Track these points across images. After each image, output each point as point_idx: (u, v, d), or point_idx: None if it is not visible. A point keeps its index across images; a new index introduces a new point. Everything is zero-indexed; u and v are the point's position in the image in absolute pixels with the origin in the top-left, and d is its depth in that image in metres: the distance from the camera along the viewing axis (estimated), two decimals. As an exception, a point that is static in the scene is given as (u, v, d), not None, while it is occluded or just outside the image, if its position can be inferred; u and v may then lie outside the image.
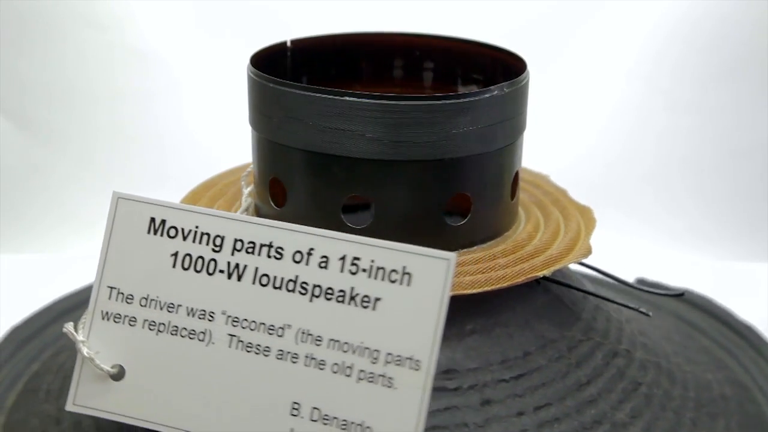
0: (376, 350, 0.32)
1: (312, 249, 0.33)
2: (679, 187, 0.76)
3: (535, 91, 0.55)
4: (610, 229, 0.72)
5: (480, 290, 0.37)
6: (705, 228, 0.75)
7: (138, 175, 0.75)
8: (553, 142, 0.75)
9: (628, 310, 0.43)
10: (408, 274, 0.31)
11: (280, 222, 0.33)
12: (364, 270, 0.32)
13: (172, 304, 0.35)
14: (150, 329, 0.35)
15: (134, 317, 0.35)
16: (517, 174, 0.42)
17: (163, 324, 0.35)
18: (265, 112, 0.39)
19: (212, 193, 0.45)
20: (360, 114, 0.36)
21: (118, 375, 0.35)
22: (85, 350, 0.35)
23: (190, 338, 0.34)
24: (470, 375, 0.37)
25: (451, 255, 0.31)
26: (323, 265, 0.33)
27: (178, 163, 0.74)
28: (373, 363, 0.32)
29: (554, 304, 0.41)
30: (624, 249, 0.72)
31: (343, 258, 0.32)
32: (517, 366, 0.38)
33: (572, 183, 0.47)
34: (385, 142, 0.37)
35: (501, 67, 0.44)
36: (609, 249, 0.68)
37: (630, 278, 0.62)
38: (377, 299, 0.32)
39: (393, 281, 0.32)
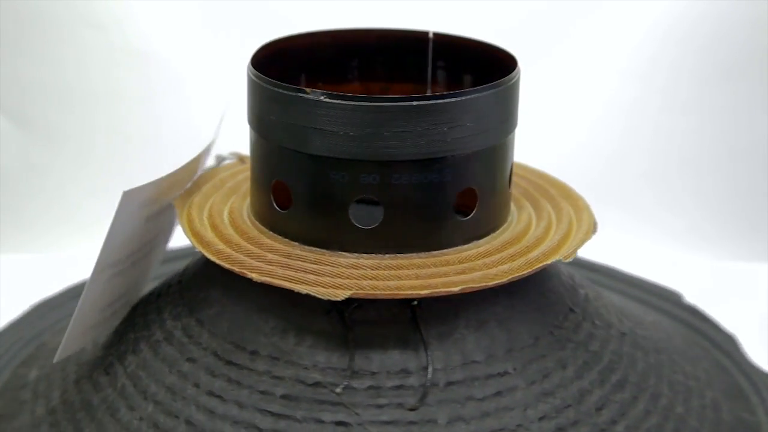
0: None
1: None
2: (678, 187, 0.76)
3: (535, 90, 0.55)
4: (609, 228, 0.72)
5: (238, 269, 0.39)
6: (705, 228, 0.75)
7: (137, 175, 0.75)
8: (551, 141, 0.75)
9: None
10: None
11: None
12: None
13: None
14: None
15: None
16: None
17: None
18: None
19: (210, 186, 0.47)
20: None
21: None
22: None
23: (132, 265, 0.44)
24: (261, 360, 0.38)
25: None
26: None
27: (179, 164, 0.74)
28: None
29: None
30: (623, 248, 0.72)
31: None
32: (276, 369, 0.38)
33: (571, 182, 0.47)
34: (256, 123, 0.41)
35: (496, 65, 0.43)
36: (608, 248, 0.69)
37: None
38: None
39: None
